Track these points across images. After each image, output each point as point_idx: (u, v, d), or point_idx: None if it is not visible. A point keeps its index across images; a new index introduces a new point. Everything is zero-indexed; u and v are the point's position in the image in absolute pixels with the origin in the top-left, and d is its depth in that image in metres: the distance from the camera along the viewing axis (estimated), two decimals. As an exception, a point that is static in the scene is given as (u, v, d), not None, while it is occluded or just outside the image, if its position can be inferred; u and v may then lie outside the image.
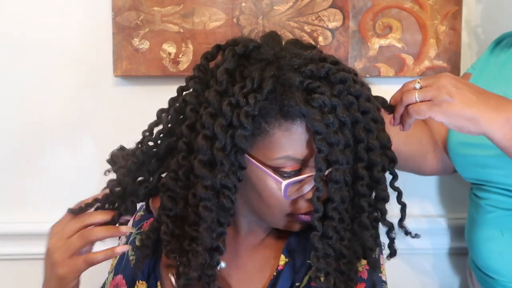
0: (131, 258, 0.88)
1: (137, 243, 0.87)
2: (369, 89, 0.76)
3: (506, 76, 1.02)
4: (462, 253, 1.25)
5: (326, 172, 0.71)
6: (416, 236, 0.81)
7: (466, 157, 1.02)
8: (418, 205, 1.32)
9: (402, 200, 0.79)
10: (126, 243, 0.87)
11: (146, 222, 0.90)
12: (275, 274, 0.81)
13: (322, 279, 0.71)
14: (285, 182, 0.72)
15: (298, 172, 0.73)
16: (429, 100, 0.74)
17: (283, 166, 0.72)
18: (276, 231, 0.85)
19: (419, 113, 0.74)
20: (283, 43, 0.79)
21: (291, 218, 0.77)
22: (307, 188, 0.74)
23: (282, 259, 0.82)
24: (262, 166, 0.73)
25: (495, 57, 1.09)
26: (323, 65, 0.72)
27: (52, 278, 0.80)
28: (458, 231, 1.28)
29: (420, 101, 0.75)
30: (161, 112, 0.80)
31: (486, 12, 1.26)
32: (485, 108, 0.73)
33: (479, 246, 1.04)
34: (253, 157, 0.74)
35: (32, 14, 1.23)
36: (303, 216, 0.76)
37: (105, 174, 0.83)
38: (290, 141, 0.72)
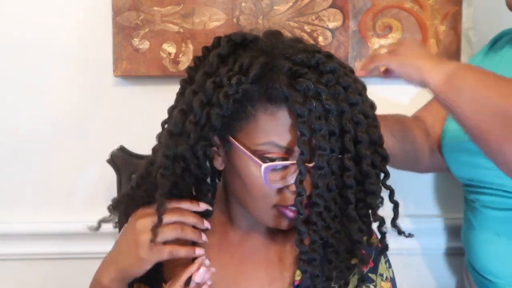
0: None
1: None
2: (364, 87, 0.76)
3: (504, 73, 1.02)
4: (458, 253, 1.25)
5: (311, 164, 0.71)
6: (410, 235, 0.81)
7: (459, 157, 1.03)
8: (414, 204, 1.32)
9: (394, 198, 0.78)
10: None
11: None
12: None
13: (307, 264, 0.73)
14: (264, 165, 0.71)
15: (282, 160, 0.73)
16: None
17: (267, 152, 0.72)
18: (284, 241, 0.84)
19: (380, 60, 0.90)
20: (284, 39, 0.79)
21: (277, 212, 0.76)
22: (292, 178, 0.73)
23: (298, 274, 0.81)
24: (245, 150, 0.73)
25: (492, 55, 1.09)
26: (314, 54, 0.72)
27: (129, 255, 0.78)
28: (454, 231, 1.28)
29: None
30: (171, 109, 0.80)
31: (486, 12, 1.26)
32: (429, 61, 0.85)
33: (475, 249, 1.04)
34: (238, 141, 0.74)
35: (32, 14, 1.23)
36: (288, 211, 0.75)
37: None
38: (275, 126, 0.72)
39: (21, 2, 1.23)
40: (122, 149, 1.15)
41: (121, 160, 1.15)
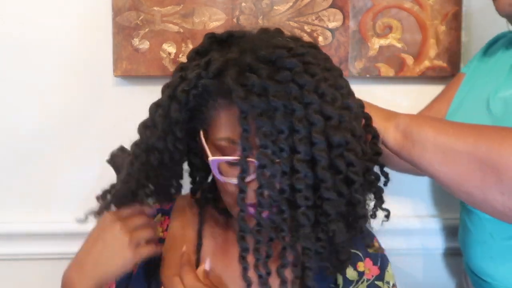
0: None
1: None
2: (341, 86, 0.72)
3: (497, 76, 1.02)
4: (456, 254, 1.25)
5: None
6: (386, 217, 0.78)
7: None
8: (412, 205, 1.32)
9: (364, 209, 0.74)
10: None
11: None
12: None
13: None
14: (211, 159, 0.73)
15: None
16: None
17: (225, 147, 0.72)
18: None
19: None
20: (278, 36, 0.78)
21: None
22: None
23: None
24: (204, 143, 0.75)
25: (486, 60, 1.10)
26: (275, 50, 0.70)
27: (111, 258, 0.80)
28: (452, 232, 1.28)
29: None
30: None
31: (486, 12, 1.26)
32: (379, 120, 0.79)
33: (471, 250, 1.05)
34: (206, 136, 0.76)
35: (32, 14, 1.23)
36: (251, 208, 0.72)
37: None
38: (231, 122, 0.71)
39: (21, 2, 1.23)
40: (122, 149, 1.15)
41: (121, 160, 1.14)
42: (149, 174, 0.79)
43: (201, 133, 0.76)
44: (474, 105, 1.03)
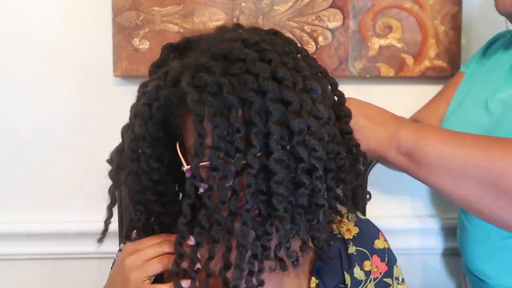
0: None
1: None
2: (303, 68, 0.69)
3: (496, 77, 1.02)
4: (455, 254, 1.25)
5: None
6: (367, 199, 0.76)
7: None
8: (411, 205, 1.32)
9: (321, 199, 0.69)
10: None
11: None
12: None
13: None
14: (185, 168, 0.70)
15: None
16: None
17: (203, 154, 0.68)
18: None
19: None
20: (235, 31, 0.75)
21: None
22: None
23: (313, 281, 0.79)
24: (180, 154, 0.72)
25: (487, 58, 1.10)
26: (227, 44, 0.67)
27: None
28: (451, 232, 1.28)
29: None
30: None
31: (486, 12, 1.26)
32: (379, 142, 0.77)
33: (468, 250, 1.05)
34: (183, 147, 0.73)
35: (32, 14, 1.23)
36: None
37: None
38: None
39: (21, 2, 1.23)
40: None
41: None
42: (140, 200, 0.75)
43: (178, 145, 0.73)
44: (473, 106, 1.03)
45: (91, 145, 1.26)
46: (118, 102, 1.26)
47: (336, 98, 0.76)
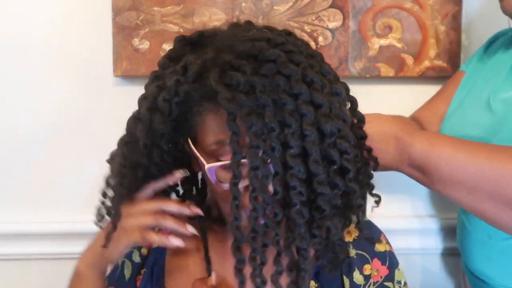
0: (125, 272, 0.86)
1: (134, 257, 0.87)
2: (327, 72, 0.70)
3: (497, 77, 1.02)
4: (454, 254, 1.25)
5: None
6: (376, 203, 0.75)
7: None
8: (411, 205, 1.32)
9: (358, 199, 0.70)
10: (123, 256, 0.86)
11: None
12: None
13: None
14: (207, 166, 0.68)
15: None
16: None
17: (220, 152, 0.68)
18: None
19: None
20: (251, 29, 0.75)
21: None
22: (244, 179, 0.67)
23: (313, 285, 0.79)
24: (196, 152, 0.70)
25: (488, 58, 1.09)
26: (255, 44, 0.66)
27: (122, 238, 0.76)
28: (450, 232, 1.28)
29: None
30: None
31: (486, 12, 1.26)
32: (392, 159, 0.78)
33: (469, 250, 1.05)
34: (195, 144, 0.71)
35: (32, 14, 1.23)
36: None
37: None
38: (220, 124, 0.67)
39: (21, 2, 1.23)
40: (122, 149, 1.15)
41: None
42: (140, 187, 0.76)
43: (190, 142, 0.72)
44: (474, 105, 1.03)
45: (91, 145, 1.26)
46: (118, 102, 1.26)
47: (349, 103, 0.76)
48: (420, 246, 1.31)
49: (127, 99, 1.28)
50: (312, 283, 0.79)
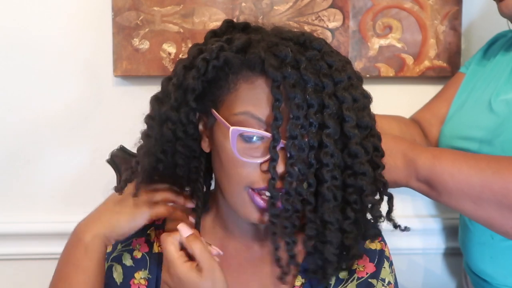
0: (115, 276, 0.85)
1: (124, 261, 0.85)
2: (359, 77, 0.73)
3: (498, 78, 1.02)
4: (456, 254, 1.25)
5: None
6: (406, 229, 0.78)
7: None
8: (413, 205, 1.32)
9: (388, 191, 0.75)
10: (107, 260, 0.85)
11: (136, 240, 0.86)
12: None
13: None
14: (232, 128, 0.69)
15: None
16: None
17: (244, 124, 0.70)
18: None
19: None
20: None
21: (248, 198, 0.72)
22: (262, 155, 0.70)
23: (299, 280, 0.80)
24: (220, 117, 0.72)
25: (487, 60, 1.10)
26: (304, 34, 0.72)
27: (121, 210, 0.80)
28: (452, 232, 1.28)
29: None
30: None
31: (486, 12, 1.26)
32: (400, 173, 0.81)
33: (471, 250, 1.05)
34: (219, 113, 0.73)
35: (32, 14, 1.23)
36: (259, 198, 0.71)
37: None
38: (253, 96, 0.70)
39: (21, 2, 1.22)
40: (122, 149, 1.15)
41: (121, 160, 1.14)
42: (164, 148, 0.76)
43: (215, 111, 0.73)
44: (475, 107, 1.03)
45: (91, 145, 1.26)
46: (118, 102, 1.26)
47: None
48: (422, 246, 1.31)
49: (127, 99, 1.29)
50: (299, 277, 0.80)
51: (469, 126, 1.01)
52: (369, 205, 0.73)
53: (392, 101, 1.27)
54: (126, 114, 1.26)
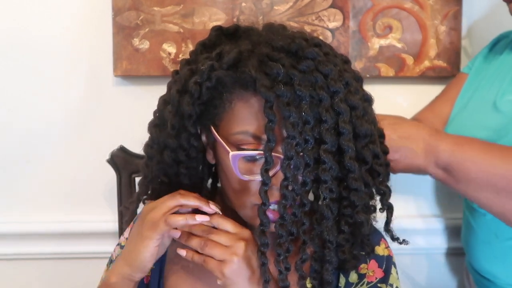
0: None
1: None
2: (359, 78, 0.73)
3: (503, 77, 1.02)
4: (459, 253, 1.25)
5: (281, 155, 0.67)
6: (404, 242, 0.77)
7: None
8: (415, 205, 1.32)
9: (387, 201, 0.74)
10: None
11: None
12: None
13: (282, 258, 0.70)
14: (231, 153, 0.68)
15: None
16: None
17: (242, 143, 0.69)
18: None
19: None
20: (284, 31, 0.77)
21: (257, 213, 0.71)
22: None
23: (309, 282, 0.78)
24: (220, 138, 0.71)
25: (490, 59, 1.09)
26: (294, 40, 0.69)
27: (135, 242, 0.75)
28: (455, 231, 1.28)
29: None
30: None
31: (486, 12, 1.26)
32: (420, 154, 0.82)
33: (474, 249, 1.05)
34: (218, 131, 0.72)
35: (32, 14, 1.23)
36: (269, 212, 0.70)
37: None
38: (249, 114, 0.69)
39: (21, 2, 1.22)
40: (122, 149, 1.15)
41: (121, 160, 1.15)
42: (168, 172, 0.76)
43: (214, 129, 0.72)
44: (480, 107, 1.03)
45: (91, 145, 1.26)
46: (118, 102, 1.26)
47: None
48: (425, 245, 1.31)
49: (127, 99, 1.29)
50: (309, 279, 0.79)
51: (474, 126, 1.01)
52: (360, 222, 0.71)
53: (392, 101, 1.27)
54: (126, 114, 1.26)
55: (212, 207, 0.73)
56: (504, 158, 0.75)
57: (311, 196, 0.70)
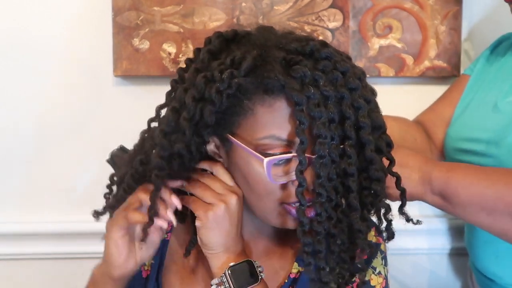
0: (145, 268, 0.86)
1: None
2: (363, 73, 0.75)
3: (505, 79, 1.02)
4: (462, 254, 1.25)
5: (313, 156, 0.69)
6: (418, 222, 0.79)
7: (461, 161, 1.03)
8: (418, 205, 1.31)
9: (399, 185, 0.77)
10: None
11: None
12: (286, 281, 0.79)
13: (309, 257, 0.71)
14: (266, 160, 0.69)
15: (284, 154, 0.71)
16: None
17: (269, 147, 0.70)
18: (284, 239, 0.83)
19: None
20: (277, 32, 0.78)
21: (283, 210, 0.74)
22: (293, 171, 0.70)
23: (295, 267, 0.80)
24: (245, 146, 0.71)
25: (493, 61, 1.09)
26: (308, 42, 0.71)
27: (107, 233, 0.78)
28: (458, 232, 1.28)
29: None
30: (159, 108, 0.78)
31: (486, 12, 1.26)
32: (415, 186, 0.84)
33: (477, 249, 1.05)
34: (238, 138, 0.72)
35: (31, 14, 1.23)
36: (294, 209, 0.72)
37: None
38: (274, 119, 0.69)
39: (21, 2, 1.23)
40: (122, 149, 1.15)
41: (121, 160, 1.14)
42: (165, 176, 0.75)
43: (233, 137, 0.72)
44: (481, 108, 1.03)
45: (91, 145, 1.26)
46: (118, 102, 1.26)
47: None
48: (428, 246, 1.31)
49: (127, 99, 1.29)
50: (295, 265, 0.81)
51: (475, 128, 1.01)
52: (383, 210, 0.74)
53: (392, 101, 1.26)
54: (126, 114, 1.26)
55: (174, 202, 0.74)
56: (490, 181, 0.77)
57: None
